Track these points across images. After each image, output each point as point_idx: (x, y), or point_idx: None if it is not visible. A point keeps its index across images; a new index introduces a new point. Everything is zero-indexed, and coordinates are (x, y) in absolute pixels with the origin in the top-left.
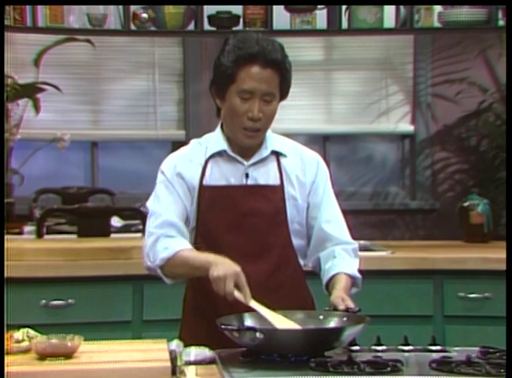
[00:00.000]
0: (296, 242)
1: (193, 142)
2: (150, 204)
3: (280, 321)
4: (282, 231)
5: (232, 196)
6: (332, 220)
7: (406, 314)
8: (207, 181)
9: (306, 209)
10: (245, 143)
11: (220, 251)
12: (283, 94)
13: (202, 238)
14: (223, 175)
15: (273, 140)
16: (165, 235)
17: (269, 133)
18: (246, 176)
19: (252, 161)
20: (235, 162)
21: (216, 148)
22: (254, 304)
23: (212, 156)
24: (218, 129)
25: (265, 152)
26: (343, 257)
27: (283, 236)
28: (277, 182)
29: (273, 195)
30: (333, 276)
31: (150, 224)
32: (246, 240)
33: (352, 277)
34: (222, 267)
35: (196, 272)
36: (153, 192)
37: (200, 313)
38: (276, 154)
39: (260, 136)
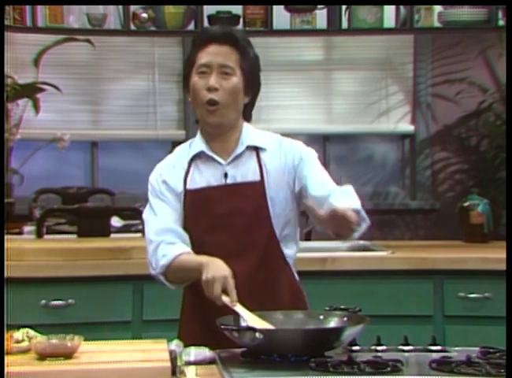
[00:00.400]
0: (283, 232)
1: (177, 148)
2: (145, 215)
3: (260, 325)
4: (264, 227)
5: (212, 197)
6: (318, 173)
7: (406, 314)
8: (189, 185)
9: (298, 193)
10: (208, 121)
11: (205, 252)
12: (247, 75)
13: (193, 241)
14: (203, 177)
15: (250, 135)
16: (165, 242)
17: (246, 129)
18: (225, 175)
19: (229, 159)
20: (213, 162)
21: (195, 150)
22: (239, 308)
23: (193, 159)
24: (198, 132)
25: (240, 148)
26: (339, 194)
27: (265, 233)
28: (257, 178)
29: (253, 192)
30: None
31: (149, 232)
32: (228, 239)
33: (356, 211)
34: (212, 270)
35: (193, 275)
36: (147, 204)
37: (198, 312)
38: (256, 150)
39: (221, 112)
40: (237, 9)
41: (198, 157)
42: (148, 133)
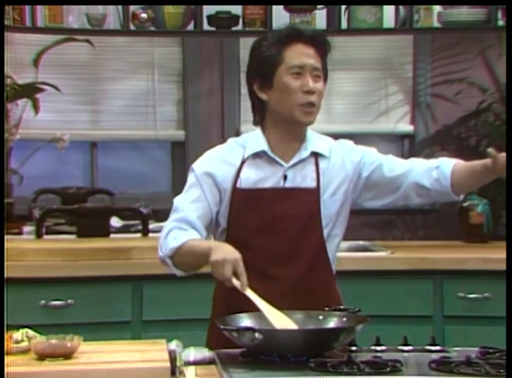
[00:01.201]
0: (331, 244)
1: (230, 141)
2: (177, 199)
3: (274, 314)
4: (315, 234)
5: (265, 198)
6: (393, 166)
7: (406, 314)
8: (241, 182)
9: (347, 199)
10: (302, 121)
11: (250, 254)
12: (325, 76)
13: (233, 240)
14: (260, 176)
15: (314, 140)
16: (178, 227)
17: (310, 132)
18: (285, 177)
19: (292, 162)
20: (274, 163)
21: (255, 148)
22: (249, 293)
23: (250, 156)
24: (258, 130)
25: (304, 153)
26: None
27: (316, 240)
28: (314, 184)
29: (309, 198)
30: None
31: (170, 218)
32: (277, 243)
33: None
34: (221, 252)
35: (200, 259)
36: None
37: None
38: (315, 155)
39: (315, 114)
40: (237, 9)
41: (257, 155)
42: (148, 133)
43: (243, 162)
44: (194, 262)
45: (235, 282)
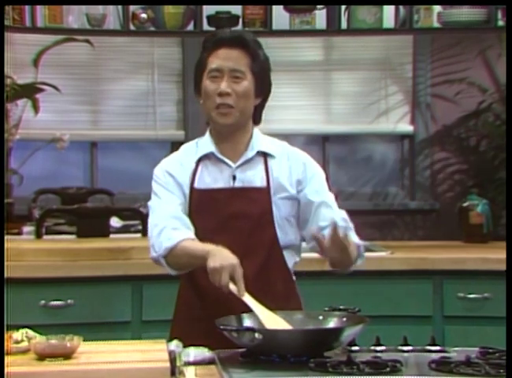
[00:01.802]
0: (287, 238)
1: (183, 146)
2: (151, 202)
3: (270, 318)
4: (268, 232)
5: (219, 199)
6: (324, 201)
7: (406, 314)
8: (196, 184)
9: (296, 205)
10: (219, 123)
11: None
12: (258, 79)
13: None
14: (211, 177)
15: (260, 141)
16: (170, 227)
17: (256, 133)
18: (234, 178)
19: (239, 162)
20: (222, 164)
21: (204, 150)
22: (247, 298)
23: (201, 159)
24: (207, 133)
25: (250, 153)
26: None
27: (268, 237)
28: (264, 183)
29: (259, 197)
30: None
31: (154, 217)
32: (232, 242)
33: (358, 246)
34: (219, 258)
35: (196, 262)
36: (151, 195)
37: (192, 312)
38: (264, 155)
39: (233, 114)
40: (236, 10)
41: (207, 157)
42: (147, 133)
43: (197, 165)
44: (188, 263)
45: (233, 287)
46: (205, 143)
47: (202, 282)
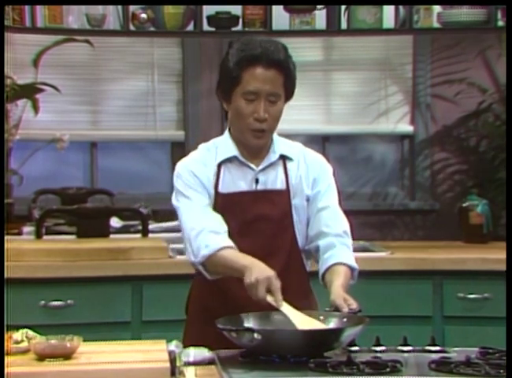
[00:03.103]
0: (303, 243)
1: (201, 147)
2: (180, 204)
3: (307, 325)
4: (288, 235)
5: (243, 202)
6: (330, 207)
7: (406, 315)
8: (220, 188)
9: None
10: (252, 144)
11: None
12: (289, 94)
13: None
14: (234, 180)
15: (280, 144)
16: (208, 229)
17: (276, 136)
18: (256, 181)
19: (261, 166)
20: (245, 167)
21: (226, 154)
22: (285, 308)
23: (223, 162)
24: (226, 133)
25: (273, 156)
26: (341, 248)
27: (289, 240)
28: (284, 186)
29: (280, 200)
30: (332, 266)
31: (189, 219)
32: (254, 245)
33: (351, 268)
34: (255, 272)
35: (234, 274)
36: (175, 194)
37: (208, 314)
38: (283, 158)
39: (266, 137)
40: (236, 10)
41: (229, 161)
42: (147, 133)
43: (218, 167)
44: (226, 273)
45: (270, 299)
46: (226, 146)
47: (232, 288)
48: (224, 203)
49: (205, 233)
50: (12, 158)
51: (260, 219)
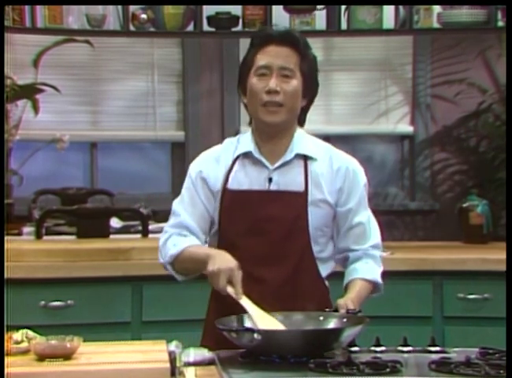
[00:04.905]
0: (318, 248)
1: (226, 140)
2: (175, 203)
3: (264, 320)
4: (301, 237)
5: (252, 201)
6: (360, 224)
7: (406, 315)
8: (230, 183)
9: (333, 215)
10: (266, 121)
11: (238, 255)
12: (307, 77)
13: (222, 240)
14: (247, 178)
15: (301, 143)
16: (177, 233)
17: (299, 135)
18: (270, 180)
19: (276, 164)
20: (260, 165)
21: (243, 149)
22: (244, 301)
23: (239, 157)
24: (249, 131)
25: (289, 155)
26: (366, 262)
27: (301, 243)
28: (301, 188)
29: (295, 201)
30: (352, 280)
31: (169, 222)
32: (263, 246)
33: (373, 283)
34: (218, 262)
35: (199, 266)
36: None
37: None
38: (305, 158)
39: (281, 113)
40: (236, 10)
41: (246, 156)
42: (147, 134)
43: (233, 162)
44: (193, 268)
45: (230, 290)
46: (245, 141)
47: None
48: (231, 200)
49: (174, 236)
50: (13, 158)
51: (269, 220)
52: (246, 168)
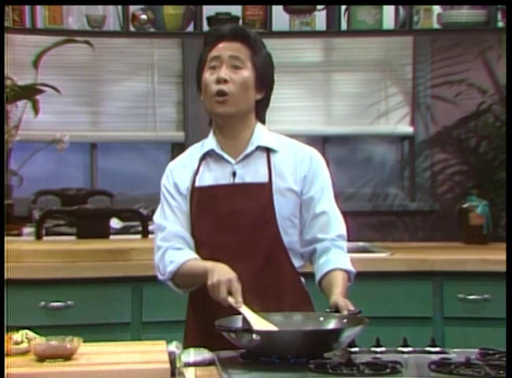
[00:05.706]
0: (288, 239)
1: (191, 147)
2: (156, 218)
3: (264, 328)
4: (269, 229)
5: (218, 196)
6: (324, 212)
7: (406, 316)
8: (197, 183)
9: (299, 204)
10: (217, 111)
11: (211, 252)
12: (259, 70)
13: (196, 240)
14: (212, 175)
15: (262, 136)
16: (172, 247)
17: (259, 129)
18: (234, 174)
19: (239, 158)
20: (223, 161)
21: (206, 148)
22: (244, 310)
23: (203, 157)
24: (211, 132)
25: (250, 148)
26: (337, 252)
27: (270, 234)
28: (265, 178)
29: (260, 193)
30: (328, 272)
31: (157, 237)
32: (233, 240)
33: (348, 272)
34: (217, 274)
35: (199, 280)
36: (159, 205)
37: (201, 316)
38: (267, 151)
39: (230, 103)
40: (236, 11)
41: (209, 155)
42: (147, 134)
43: (199, 163)
44: (194, 283)
45: (230, 300)
46: (208, 142)
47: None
48: (199, 198)
49: (170, 251)
50: (12, 159)
51: (237, 213)
52: (211, 166)
